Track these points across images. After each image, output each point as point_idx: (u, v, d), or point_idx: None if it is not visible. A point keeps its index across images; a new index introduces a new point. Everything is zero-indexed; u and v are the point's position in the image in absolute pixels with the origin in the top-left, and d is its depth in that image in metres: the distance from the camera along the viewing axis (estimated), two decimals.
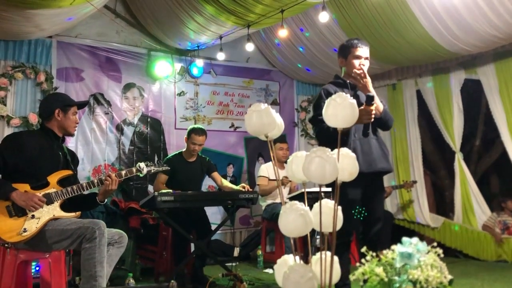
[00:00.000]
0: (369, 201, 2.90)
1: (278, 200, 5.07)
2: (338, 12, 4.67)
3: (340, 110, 1.54)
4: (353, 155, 1.62)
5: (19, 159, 2.77)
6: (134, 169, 3.03)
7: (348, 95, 1.61)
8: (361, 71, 2.84)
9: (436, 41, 4.54)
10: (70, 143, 4.91)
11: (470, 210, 5.24)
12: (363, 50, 2.94)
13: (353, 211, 2.80)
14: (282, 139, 5.38)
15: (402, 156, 5.89)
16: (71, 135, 3.13)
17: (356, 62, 2.92)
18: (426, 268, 1.54)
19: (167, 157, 4.71)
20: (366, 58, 2.96)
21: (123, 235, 2.90)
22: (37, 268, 3.35)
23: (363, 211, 2.89)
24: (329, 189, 2.81)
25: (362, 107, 2.69)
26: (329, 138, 2.69)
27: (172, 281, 1.44)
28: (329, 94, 2.81)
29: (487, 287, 3.82)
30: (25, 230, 2.64)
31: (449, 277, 1.56)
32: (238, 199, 4.10)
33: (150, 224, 4.65)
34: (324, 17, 4.34)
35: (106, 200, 3.01)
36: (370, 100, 2.70)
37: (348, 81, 2.96)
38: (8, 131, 4.53)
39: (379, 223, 2.93)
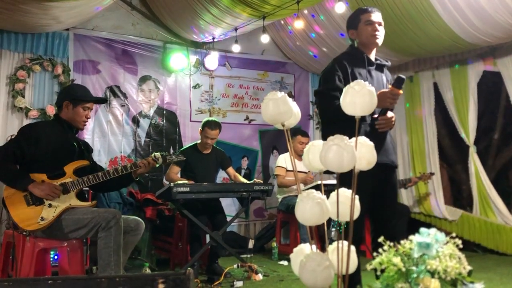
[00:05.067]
0: (381, 195, 2.65)
1: (294, 193, 5.06)
2: (354, 2, 4.62)
3: (358, 98, 1.52)
4: (371, 143, 1.60)
5: (36, 149, 2.81)
6: (149, 159, 3.06)
7: (363, 74, 1.57)
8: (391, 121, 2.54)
9: (455, 32, 4.45)
10: (87, 134, 4.97)
11: (486, 203, 5.17)
12: (375, 15, 2.63)
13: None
14: (304, 132, 5.37)
15: (418, 149, 5.83)
16: (79, 129, 3.09)
17: (368, 29, 2.61)
18: (445, 258, 1.51)
19: (182, 149, 4.75)
20: (380, 24, 2.64)
21: (139, 222, 2.93)
22: (56, 257, 3.41)
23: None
24: (334, 182, 2.61)
25: (386, 90, 2.43)
26: (340, 117, 2.51)
27: (189, 268, 1.44)
28: (342, 66, 2.59)
29: (506, 282, 3.76)
30: (42, 219, 2.69)
31: (468, 268, 1.53)
32: (253, 191, 4.11)
33: (165, 215, 4.70)
34: (340, 7, 4.30)
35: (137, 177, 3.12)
36: (400, 82, 2.37)
37: (365, 55, 2.65)
38: (26, 122, 4.60)
39: (392, 219, 2.71)
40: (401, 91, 2.41)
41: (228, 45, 5.61)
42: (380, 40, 2.67)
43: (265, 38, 5.12)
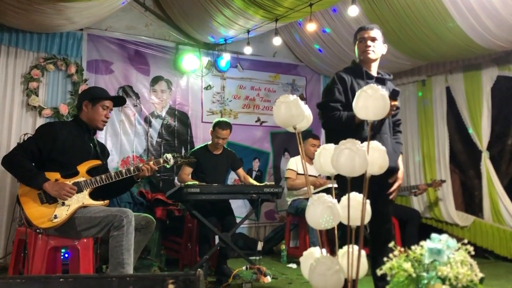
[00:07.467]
0: (376, 199, 2.61)
1: (303, 196, 5.05)
2: (368, 5, 4.60)
3: (371, 102, 1.51)
4: (384, 148, 1.59)
5: (52, 148, 2.85)
6: (161, 160, 3.09)
7: (362, 86, 1.58)
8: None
9: (469, 36, 4.41)
10: (100, 133, 5.00)
11: (498, 210, 5.12)
12: (366, 32, 2.81)
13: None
14: (315, 135, 5.37)
15: (429, 154, 5.78)
16: (99, 129, 3.14)
17: (361, 46, 2.82)
18: (456, 265, 1.50)
19: (193, 149, 4.77)
20: (372, 39, 2.80)
21: (150, 220, 2.96)
22: (66, 255, 3.44)
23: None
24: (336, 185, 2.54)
25: None
26: (341, 127, 2.64)
27: (199, 269, 1.44)
28: (341, 79, 2.79)
29: None
30: (55, 217, 2.71)
31: (480, 275, 1.52)
32: (263, 193, 4.11)
33: (175, 216, 4.71)
34: (353, 11, 4.28)
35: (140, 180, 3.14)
36: (395, 94, 2.59)
37: (364, 69, 2.84)
38: (39, 121, 4.65)
39: (388, 222, 2.81)
40: (396, 102, 2.59)
41: (240, 47, 5.62)
42: (372, 55, 2.81)
43: (277, 41, 5.11)
